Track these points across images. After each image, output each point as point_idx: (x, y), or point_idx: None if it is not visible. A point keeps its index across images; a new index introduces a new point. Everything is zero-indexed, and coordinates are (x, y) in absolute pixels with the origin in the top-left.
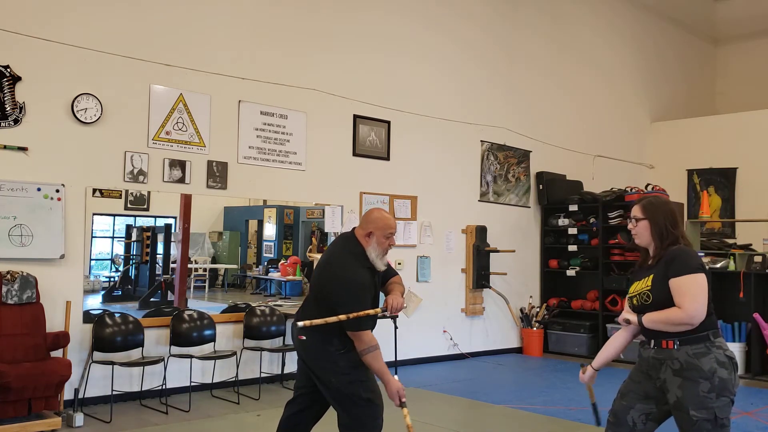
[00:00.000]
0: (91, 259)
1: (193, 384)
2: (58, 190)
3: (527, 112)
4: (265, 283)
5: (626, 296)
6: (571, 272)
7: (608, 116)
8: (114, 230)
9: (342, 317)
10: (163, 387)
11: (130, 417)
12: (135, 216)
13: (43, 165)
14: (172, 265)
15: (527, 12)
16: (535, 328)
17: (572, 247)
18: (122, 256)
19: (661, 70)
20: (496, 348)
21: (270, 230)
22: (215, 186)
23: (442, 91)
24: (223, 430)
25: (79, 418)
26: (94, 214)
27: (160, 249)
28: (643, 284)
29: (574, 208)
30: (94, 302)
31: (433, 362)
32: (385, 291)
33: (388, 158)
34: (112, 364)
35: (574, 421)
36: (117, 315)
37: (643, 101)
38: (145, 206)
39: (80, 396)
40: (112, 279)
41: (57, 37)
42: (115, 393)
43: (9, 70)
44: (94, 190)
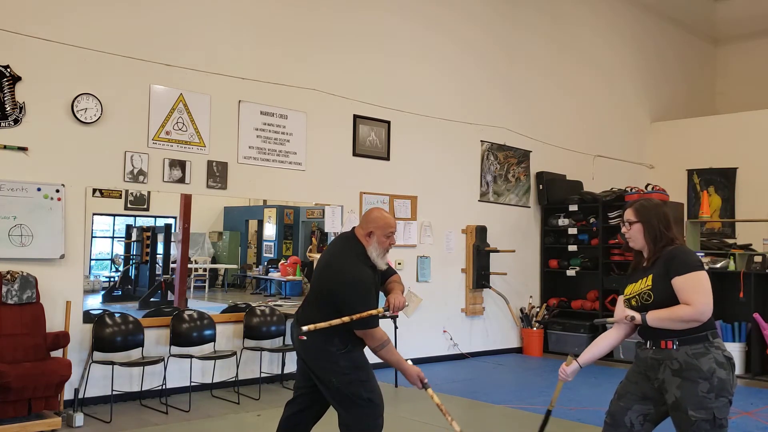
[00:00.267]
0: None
1: (193, 384)
2: (58, 190)
3: (527, 112)
4: (265, 283)
5: (621, 298)
6: (571, 272)
7: (608, 116)
8: (114, 230)
9: (345, 319)
10: (163, 387)
11: (130, 417)
12: (135, 216)
13: (43, 165)
14: (172, 265)
15: (527, 12)
16: (535, 328)
17: (572, 247)
18: (122, 256)
19: (661, 70)
20: (496, 348)
21: (270, 230)
22: (215, 186)
23: (442, 91)
24: (223, 430)
25: (79, 418)
26: (94, 214)
27: (160, 249)
28: (641, 284)
29: (574, 208)
30: (94, 302)
31: (433, 362)
32: (384, 290)
33: (388, 158)
34: (112, 364)
35: (574, 421)
36: (117, 315)
37: (643, 101)
38: (145, 206)
39: (80, 396)
40: (112, 279)
41: (57, 37)
42: (115, 393)
43: (9, 70)
44: (94, 190)
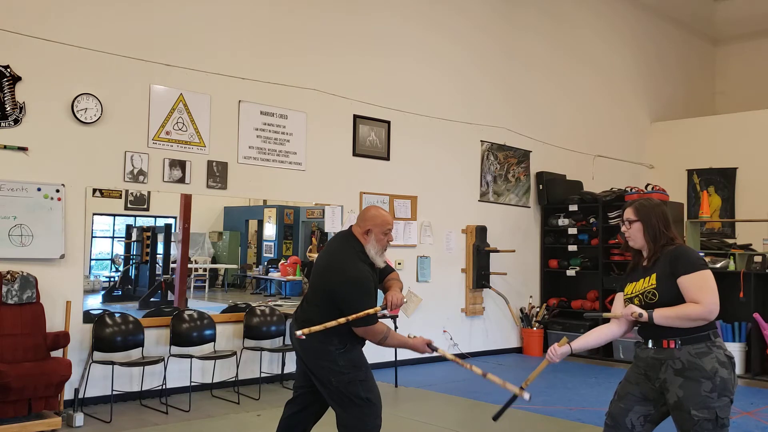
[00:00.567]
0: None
1: (193, 384)
2: (58, 190)
3: (527, 112)
4: (265, 283)
5: (620, 295)
6: (571, 272)
7: (608, 116)
8: (114, 230)
9: (341, 320)
10: (163, 387)
11: (130, 417)
12: (135, 216)
13: (43, 165)
14: (172, 265)
15: (527, 12)
16: (535, 328)
17: (572, 247)
18: (122, 256)
19: (661, 70)
20: (496, 348)
21: (270, 230)
22: (215, 186)
23: (443, 91)
24: (223, 430)
25: (79, 418)
26: (94, 214)
27: (160, 249)
28: (644, 284)
29: (574, 208)
30: (94, 302)
31: (433, 362)
32: (383, 288)
33: (388, 158)
34: (112, 364)
35: (574, 421)
36: (117, 315)
37: (643, 101)
38: (145, 206)
39: (80, 396)
40: (112, 279)
41: (57, 37)
42: (115, 393)
43: (9, 70)
44: (94, 190)
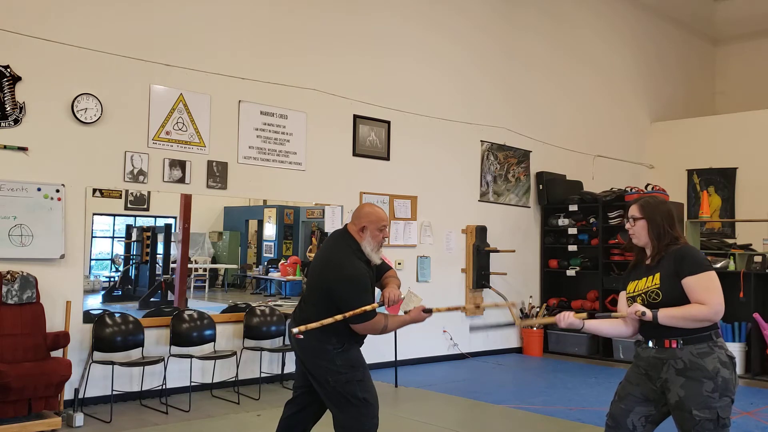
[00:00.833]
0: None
1: (193, 384)
2: (58, 190)
3: (527, 112)
4: (265, 283)
5: (623, 294)
6: (571, 272)
7: (608, 116)
8: (114, 230)
9: (338, 317)
10: (163, 387)
11: (130, 417)
12: (135, 216)
13: (43, 165)
14: (172, 265)
15: (527, 12)
16: (535, 328)
17: (572, 247)
18: (122, 256)
19: (661, 70)
20: (496, 348)
21: (270, 230)
22: (215, 186)
23: (442, 91)
24: (223, 430)
25: (79, 418)
26: (94, 214)
27: (160, 249)
28: (647, 282)
29: (574, 208)
30: (94, 302)
31: (433, 362)
32: (380, 285)
33: (388, 158)
34: (112, 364)
35: (574, 421)
36: (117, 315)
37: (643, 101)
38: (145, 206)
39: (80, 396)
40: (112, 279)
41: (57, 37)
42: (115, 393)
43: (9, 70)
44: (94, 190)
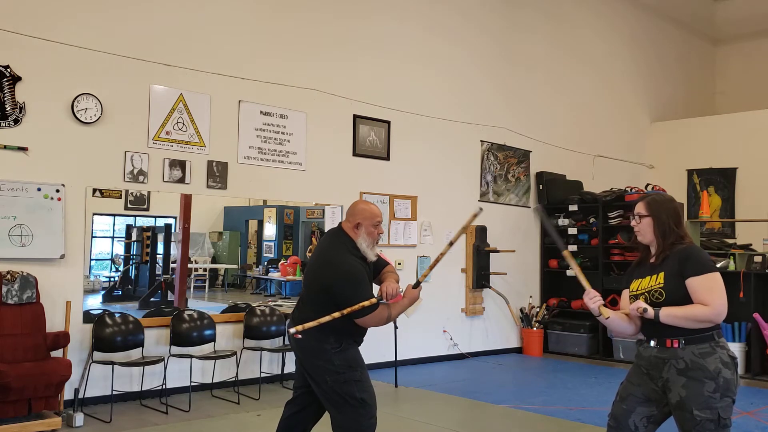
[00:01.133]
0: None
1: (193, 384)
2: (58, 190)
3: (527, 112)
4: (265, 283)
5: (626, 292)
6: (571, 272)
7: (608, 116)
8: (114, 230)
9: (335, 315)
10: (163, 387)
11: (130, 417)
12: (135, 216)
13: (43, 165)
14: (172, 265)
15: (526, 12)
16: (535, 328)
17: (572, 247)
18: (122, 256)
19: (661, 70)
20: (496, 348)
21: (270, 230)
22: (215, 186)
23: (442, 92)
24: (223, 430)
25: (79, 418)
26: (94, 214)
27: (160, 249)
28: (651, 281)
29: (574, 208)
30: (94, 302)
31: (433, 362)
32: (379, 281)
33: (388, 158)
34: (112, 364)
35: (573, 421)
36: (117, 315)
37: (643, 101)
38: (145, 206)
39: (80, 396)
40: (112, 279)
41: (57, 37)
42: (115, 393)
43: (9, 70)
44: (94, 190)
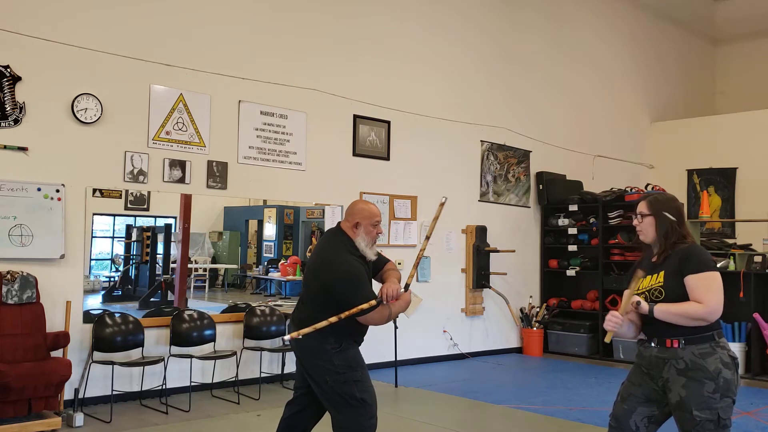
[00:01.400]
0: (91, 259)
1: (193, 384)
2: (58, 190)
3: (527, 112)
4: (265, 283)
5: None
6: (571, 272)
7: (608, 116)
8: (114, 230)
9: (332, 320)
10: (163, 387)
11: (130, 417)
12: (135, 216)
13: (43, 165)
14: (172, 265)
15: (526, 13)
16: (535, 328)
17: (572, 247)
18: (122, 256)
19: (661, 70)
20: (496, 348)
21: (270, 230)
22: (215, 186)
23: (442, 91)
24: (223, 430)
25: (79, 418)
26: (94, 214)
27: (160, 249)
28: (652, 280)
29: (574, 208)
30: (94, 302)
31: (433, 362)
32: (380, 278)
33: (388, 158)
34: (112, 364)
35: (573, 421)
36: (117, 315)
37: (643, 101)
38: (145, 206)
39: (80, 396)
40: (112, 279)
41: (57, 37)
42: (115, 393)
43: (9, 70)
44: (94, 190)
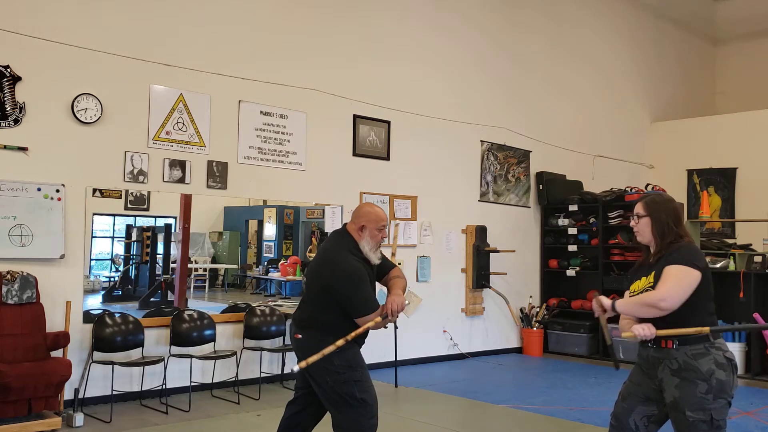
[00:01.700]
0: (91, 259)
1: (193, 384)
2: (58, 190)
3: (527, 112)
4: (265, 283)
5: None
6: (571, 272)
7: (608, 116)
8: (114, 230)
9: (339, 343)
10: (163, 387)
11: (130, 417)
12: (135, 216)
13: (43, 165)
14: (172, 265)
15: (526, 13)
16: (535, 328)
17: (572, 247)
18: (122, 256)
19: (661, 70)
20: (496, 348)
21: (270, 230)
22: (215, 186)
23: (442, 91)
24: (223, 430)
25: (79, 418)
26: (94, 214)
27: (160, 249)
28: (644, 282)
29: (574, 208)
30: (94, 302)
31: (433, 362)
32: (385, 284)
33: (388, 158)
34: (112, 364)
35: (573, 421)
36: (117, 315)
37: (643, 101)
38: (145, 206)
39: (80, 396)
40: (112, 279)
41: (57, 37)
42: (115, 393)
43: (9, 70)
44: (94, 190)
